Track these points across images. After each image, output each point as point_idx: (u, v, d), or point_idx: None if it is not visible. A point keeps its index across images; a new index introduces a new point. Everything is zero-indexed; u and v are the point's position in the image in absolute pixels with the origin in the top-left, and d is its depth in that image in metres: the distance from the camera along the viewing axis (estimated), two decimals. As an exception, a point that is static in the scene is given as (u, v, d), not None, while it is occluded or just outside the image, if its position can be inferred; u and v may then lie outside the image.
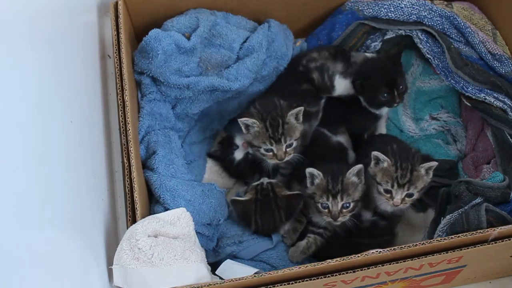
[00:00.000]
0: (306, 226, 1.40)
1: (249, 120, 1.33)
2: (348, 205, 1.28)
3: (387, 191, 1.28)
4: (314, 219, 1.37)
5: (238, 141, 1.52)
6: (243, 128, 1.35)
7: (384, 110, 1.54)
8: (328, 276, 1.06)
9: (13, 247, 0.78)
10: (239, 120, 1.34)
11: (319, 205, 1.30)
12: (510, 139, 1.40)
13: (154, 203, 1.29)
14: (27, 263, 0.82)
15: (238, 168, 1.52)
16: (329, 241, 1.36)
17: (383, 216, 1.41)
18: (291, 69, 1.53)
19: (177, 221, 1.18)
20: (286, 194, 1.37)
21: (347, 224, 1.31)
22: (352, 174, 1.29)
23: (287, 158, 1.36)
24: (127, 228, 1.14)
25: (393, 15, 1.55)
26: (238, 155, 1.51)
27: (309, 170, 1.30)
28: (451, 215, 1.23)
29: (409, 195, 1.28)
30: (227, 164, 1.53)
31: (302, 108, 1.34)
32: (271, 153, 1.35)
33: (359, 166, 1.29)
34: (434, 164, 1.28)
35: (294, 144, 1.35)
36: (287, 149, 1.35)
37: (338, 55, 1.52)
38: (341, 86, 1.49)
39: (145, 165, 1.32)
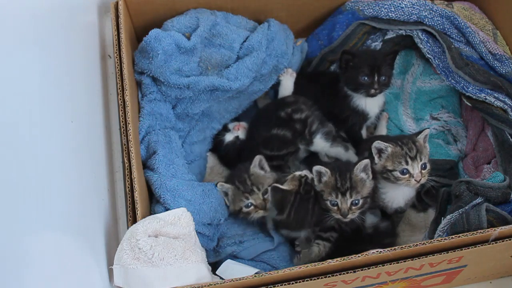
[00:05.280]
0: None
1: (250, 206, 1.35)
2: (357, 202, 1.28)
3: (403, 172, 1.27)
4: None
5: (230, 125, 1.57)
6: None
7: (372, 109, 1.54)
8: (329, 276, 1.06)
9: (14, 247, 0.78)
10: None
11: (328, 202, 1.29)
12: (511, 139, 1.40)
13: (154, 203, 1.29)
14: (27, 263, 0.82)
15: (226, 149, 1.54)
16: (336, 243, 1.35)
17: (387, 215, 1.41)
18: (273, 113, 1.53)
19: (178, 221, 1.18)
20: None
21: (356, 221, 1.31)
22: (360, 170, 1.28)
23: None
24: (128, 228, 1.14)
25: (393, 15, 1.55)
26: (228, 137, 1.55)
27: (316, 168, 1.29)
28: (451, 215, 1.23)
29: (424, 167, 1.28)
30: (217, 145, 1.56)
31: (260, 156, 1.38)
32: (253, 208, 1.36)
33: (365, 161, 1.28)
34: (427, 131, 1.31)
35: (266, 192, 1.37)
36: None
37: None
38: (319, 145, 1.51)
39: (146, 165, 1.32)
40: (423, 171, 1.28)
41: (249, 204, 1.36)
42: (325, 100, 1.56)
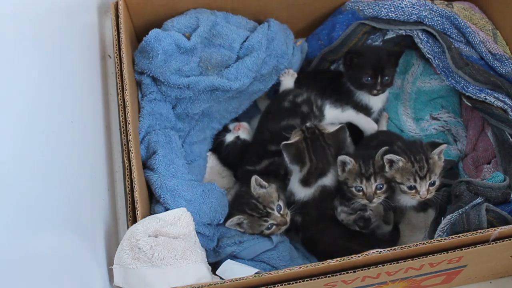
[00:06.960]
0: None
1: (237, 218, 1.35)
2: (381, 186, 1.30)
3: (411, 187, 1.28)
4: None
5: (231, 125, 1.58)
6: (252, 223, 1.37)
7: (375, 104, 1.55)
8: (329, 276, 1.06)
9: (14, 247, 0.78)
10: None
11: (353, 189, 1.31)
12: (511, 139, 1.40)
13: (154, 203, 1.29)
14: (27, 264, 0.82)
15: (227, 150, 1.55)
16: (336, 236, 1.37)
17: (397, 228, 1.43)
18: (278, 106, 1.53)
19: (178, 221, 1.18)
20: (331, 132, 1.39)
21: (382, 205, 1.33)
22: (380, 157, 1.30)
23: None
24: (128, 228, 1.14)
25: (393, 15, 1.55)
26: (229, 137, 1.55)
27: (340, 158, 1.32)
28: (451, 215, 1.23)
29: (432, 184, 1.28)
30: (218, 146, 1.57)
31: (255, 176, 1.37)
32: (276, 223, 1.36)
33: (384, 148, 1.30)
34: (444, 146, 1.30)
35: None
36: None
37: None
38: (332, 115, 1.51)
39: (146, 165, 1.32)
40: (430, 188, 1.28)
41: (270, 225, 1.35)
42: (328, 94, 1.56)
